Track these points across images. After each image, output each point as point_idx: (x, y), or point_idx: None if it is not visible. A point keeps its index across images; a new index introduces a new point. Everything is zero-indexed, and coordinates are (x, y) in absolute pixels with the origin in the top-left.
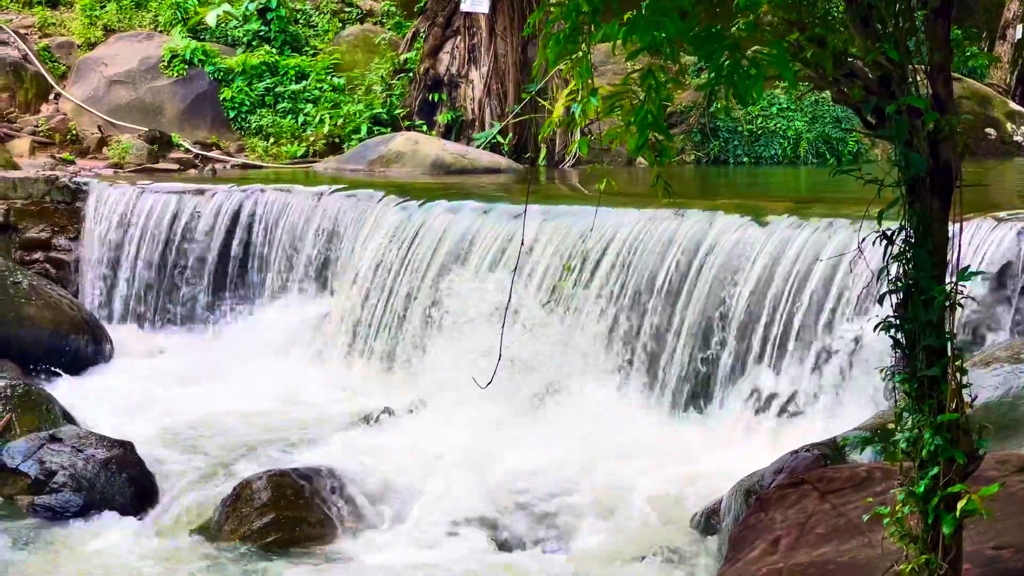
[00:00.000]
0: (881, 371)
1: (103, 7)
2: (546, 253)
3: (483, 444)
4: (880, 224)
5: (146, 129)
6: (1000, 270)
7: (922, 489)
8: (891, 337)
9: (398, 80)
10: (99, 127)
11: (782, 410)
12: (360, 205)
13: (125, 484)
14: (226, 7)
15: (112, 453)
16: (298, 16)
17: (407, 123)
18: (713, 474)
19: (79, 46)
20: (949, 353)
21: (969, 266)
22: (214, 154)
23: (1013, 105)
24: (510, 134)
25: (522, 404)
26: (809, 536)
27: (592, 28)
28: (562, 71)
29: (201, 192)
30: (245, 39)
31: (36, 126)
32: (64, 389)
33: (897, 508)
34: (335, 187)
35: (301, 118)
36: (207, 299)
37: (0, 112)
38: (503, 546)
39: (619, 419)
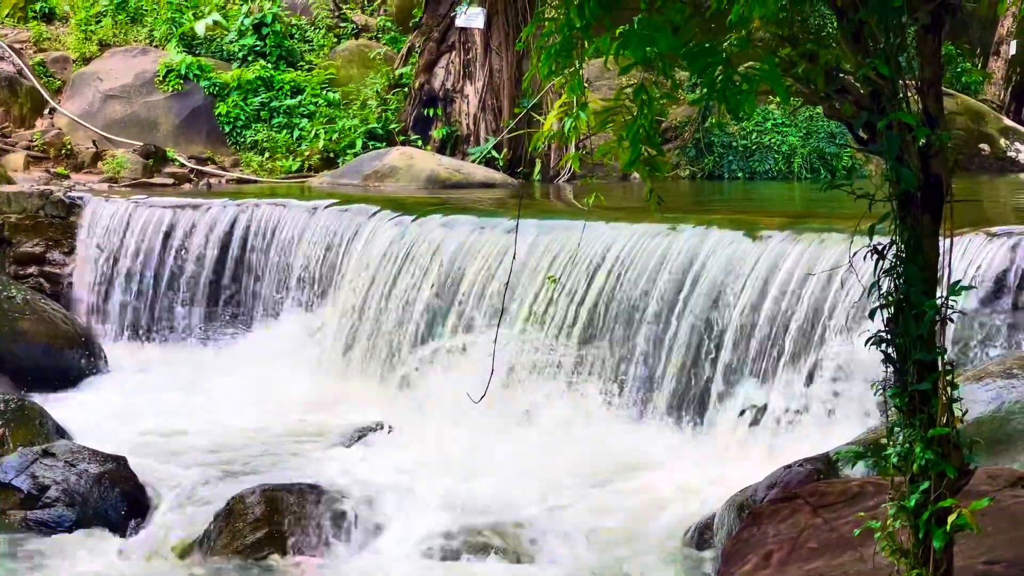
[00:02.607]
0: (873, 385)
1: (98, 22)
2: (540, 267)
3: (475, 458)
4: (871, 239)
5: (141, 144)
6: (992, 285)
7: (913, 503)
8: (882, 351)
9: (393, 95)
10: (94, 142)
11: (775, 425)
12: (355, 220)
13: (118, 499)
14: (216, 17)
15: (105, 468)
16: (293, 31)
17: (402, 138)
18: (706, 488)
19: (74, 61)
20: (940, 367)
21: (960, 281)
22: (209, 169)
23: (1007, 121)
24: (505, 149)
25: (514, 418)
26: (801, 550)
27: (585, 43)
28: (556, 86)
29: (196, 207)
30: (240, 54)
31: (31, 141)
32: (58, 403)
33: (888, 522)
34: (330, 202)
35: (296, 133)
36: (202, 313)
37: None
38: (495, 561)
39: (611, 433)
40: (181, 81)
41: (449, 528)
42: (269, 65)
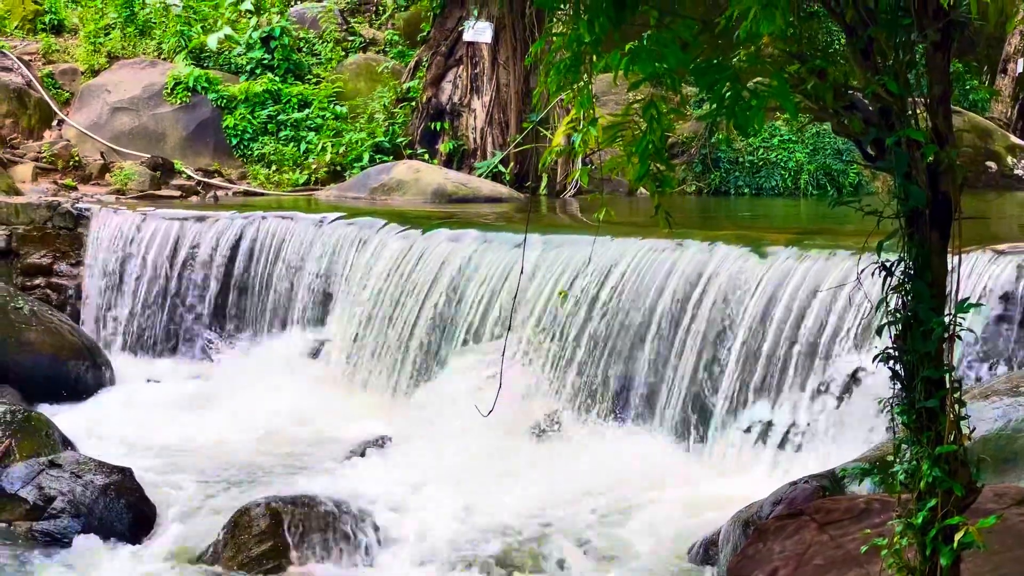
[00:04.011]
0: (880, 402)
1: (107, 34)
2: (546, 282)
3: (481, 472)
4: (879, 256)
5: (148, 156)
6: (999, 302)
7: (920, 521)
8: (890, 368)
9: (400, 109)
10: (102, 153)
11: (781, 441)
12: (361, 233)
13: (124, 510)
14: (228, 31)
15: (111, 479)
16: (301, 44)
17: (409, 152)
18: (712, 504)
19: (83, 73)
20: (947, 385)
21: (968, 298)
22: (216, 181)
23: (1014, 139)
24: (512, 163)
25: (521, 433)
26: (807, 567)
27: (593, 58)
28: (564, 101)
29: (203, 219)
30: (248, 67)
31: (39, 152)
32: (64, 415)
33: (895, 540)
34: (336, 215)
35: (303, 146)
36: (208, 325)
37: (3, 138)
38: (501, 575)
39: (618, 449)
40: (189, 94)
41: (454, 541)
42: (277, 78)
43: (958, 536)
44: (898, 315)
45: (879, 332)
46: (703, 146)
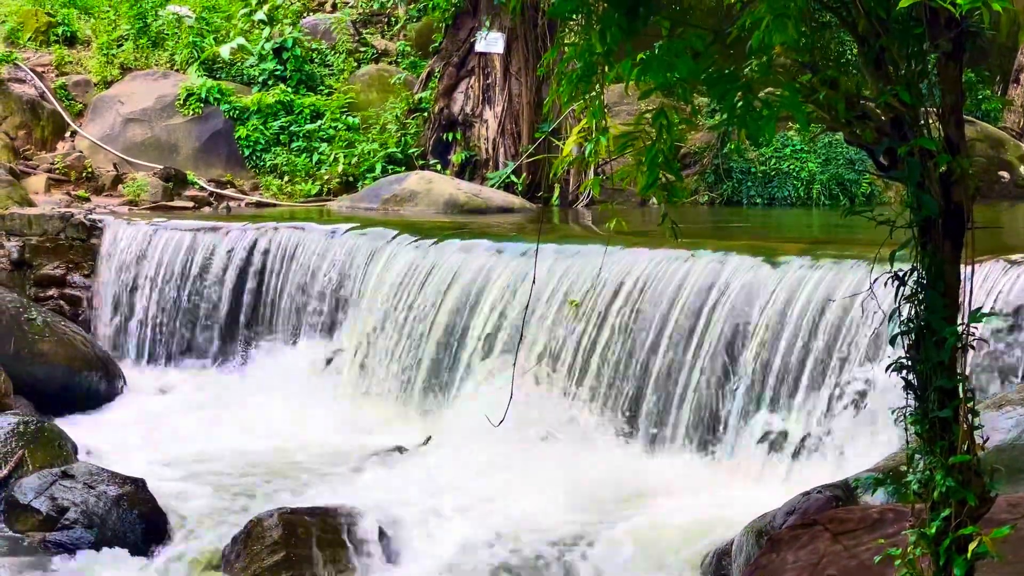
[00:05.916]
0: (893, 412)
1: (120, 46)
2: (558, 292)
3: (493, 484)
4: (892, 265)
5: (161, 167)
6: (1013, 312)
7: (934, 531)
8: (903, 378)
9: (412, 119)
10: (114, 165)
11: (795, 451)
12: (373, 243)
13: (136, 521)
14: (240, 42)
15: (124, 490)
16: (313, 55)
17: (421, 162)
18: (725, 515)
19: (96, 84)
20: (961, 394)
21: (981, 308)
22: (229, 192)
23: None
24: (524, 174)
25: (534, 443)
26: None
27: (605, 68)
28: (575, 111)
29: (215, 230)
30: (260, 78)
31: (52, 163)
32: (77, 425)
33: (909, 550)
34: (349, 225)
35: (316, 157)
36: (220, 336)
37: (16, 149)
38: None
39: (630, 459)
40: (201, 105)
41: (469, 551)
42: (289, 89)
43: (972, 546)
44: (911, 325)
45: (892, 342)
46: (715, 156)
